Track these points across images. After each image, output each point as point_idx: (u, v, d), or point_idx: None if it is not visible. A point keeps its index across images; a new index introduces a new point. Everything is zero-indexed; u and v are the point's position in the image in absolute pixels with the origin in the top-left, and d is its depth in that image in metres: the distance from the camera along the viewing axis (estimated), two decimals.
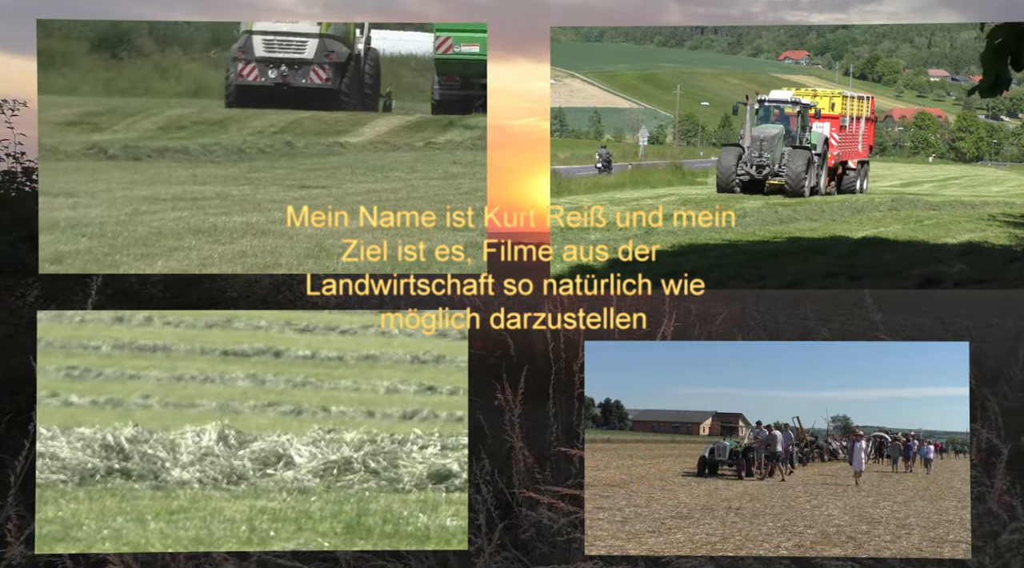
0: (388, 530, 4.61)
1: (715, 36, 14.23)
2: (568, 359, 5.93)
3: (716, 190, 10.17)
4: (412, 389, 5.99)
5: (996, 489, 4.76)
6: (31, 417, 4.76)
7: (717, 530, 4.50)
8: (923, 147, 12.04)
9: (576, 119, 13.05)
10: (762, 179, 10.31)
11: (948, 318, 12.85)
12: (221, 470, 4.90)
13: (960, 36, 12.85)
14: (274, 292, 8.89)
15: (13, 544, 4.41)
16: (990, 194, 9.57)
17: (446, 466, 4.99)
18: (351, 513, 4.70)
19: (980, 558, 4.56)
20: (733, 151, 10.57)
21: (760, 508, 4.80)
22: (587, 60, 14.43)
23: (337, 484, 4.90)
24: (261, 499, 4.80)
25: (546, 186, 5.69)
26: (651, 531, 4.49)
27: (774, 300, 12.06)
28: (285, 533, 4.56)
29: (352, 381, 6.11)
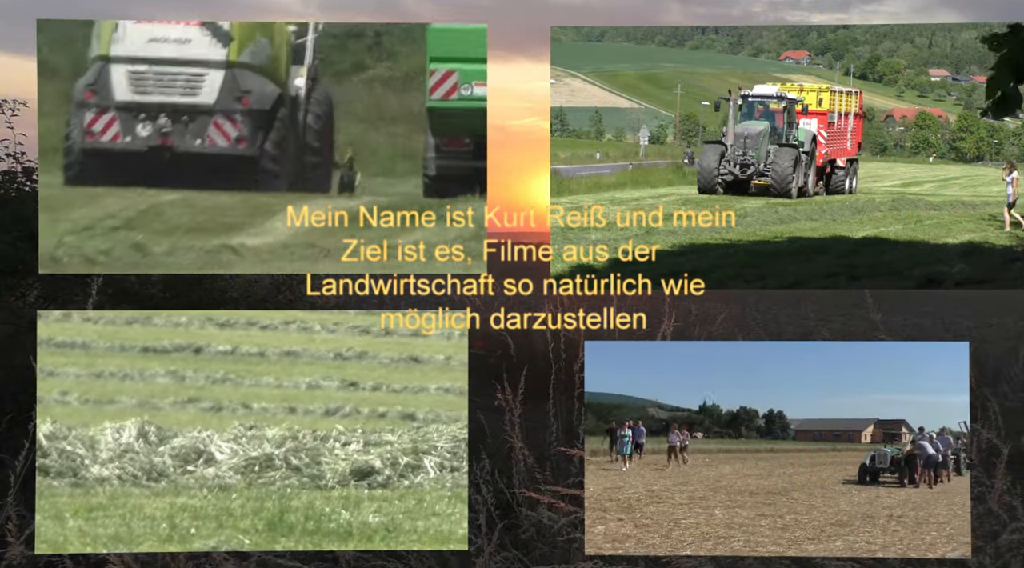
0: (310, 527, 4.57)
1: (716, 36, 14.21)
2: (568, 359, 5.93)
3: (697, 191, 9.73)
4: (334, 385, 5.96)
5: (996, 489, 4.76)
6: (31, 417, 4.76)
7: (878, 538, 4.46)
8: (924, 147, 12.02)
9: (577, 119, 13.04)
10: (746, 179, 9.86)
11: (948, 318, 12.84)
12: (141, 467, 4.85)
13: (961, 36, 12.84)
14: (274, 292, 8.89)
15: (13, 544, 4.41)
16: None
17: (368, 463, 4.96)
18: (272, 510, 4.66)
19: (980, 558, 4.55)
20: (715, 149, 10.07)
21: (924, 516, 4.72)
22: (588, 60, 14.42)
23: (259, 481, 4.85)
24: (182, 496, 4.75)
25: (546, 186, 5.68)
26: (811, 538, 4.46)
27: (774, 300, 12.06)
28: (206, 531, 4.52)
29: (274, 377, 6.06)
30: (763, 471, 5.41)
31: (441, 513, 4.72)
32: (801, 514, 4.71)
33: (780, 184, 9.64)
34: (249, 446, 5.05)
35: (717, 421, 5.29)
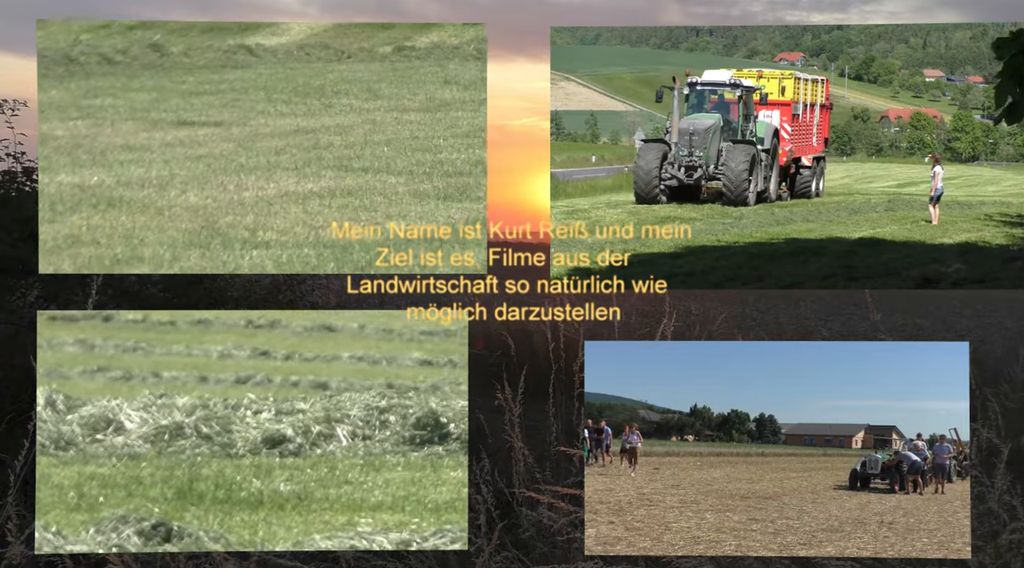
0: (220, 496, 4.52)
1: (711, 38, 14.23)
2: (568, 359, 5.93)
3: (635, 200, 8.17)
4: (245, 354, 5.93)
5: (996, 489, 4.77)
6: (31, 417, 4.75)
7: (869, 544, 4.46)
8: (919, 147, 12.02)
9: (572, 122, 13.04)
10: (694, 184, 8.30)
11: (949, 318, 12.86)
12: (49, 436, 4.81)
13: (955, 36, 12.86)
14: (274, 292, 8.89)
15: (13, 544, 4.40)
16: (986, 194, 9.55)
17: (280, 431, 4.92)
18: (182, 478, 4.63)
19: (980, 558, 4.57)
20: (655, 149, 8.49)
21: (915, 523, 4.73)
22: (583, 63, 14.43)
23: (168, 449, 4.81)
24: (90, 465, 4.73)
25: (546, 186, 5.69)
26: (802, 543, 4.46)
27: (774, 300, 12.01)
28: (115, 499, 4.49)
29: (184, 346, 6.01)
30: (754, 475, 5.42)
31: (354, 481, 4.68)
32: (792, 519, 4.72)
33: (734, 189, 8.13)
34: (159, 415, 5.00)
35: (708, 424, 5.29)
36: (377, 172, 5.38)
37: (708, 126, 8.75)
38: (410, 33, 6.30)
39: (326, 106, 6.45)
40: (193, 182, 5.24)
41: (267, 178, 5.23)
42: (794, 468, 5.45)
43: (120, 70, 6.01)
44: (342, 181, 5.29)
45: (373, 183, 5.26)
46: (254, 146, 5.86)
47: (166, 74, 6.49)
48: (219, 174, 5.23)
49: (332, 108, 6.46)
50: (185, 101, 6.36)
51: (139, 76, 6.53)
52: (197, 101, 6.35)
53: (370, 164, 5.47)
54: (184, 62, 6.12)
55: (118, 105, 6.23)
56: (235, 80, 6.68)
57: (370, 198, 5.02)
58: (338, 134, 6.11)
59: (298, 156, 5.64)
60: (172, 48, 5.97)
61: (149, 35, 5.78)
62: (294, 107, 6.49)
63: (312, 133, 6.14)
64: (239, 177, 5.16)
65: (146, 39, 5.80)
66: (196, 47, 5.96)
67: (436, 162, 5.54)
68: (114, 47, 5.68)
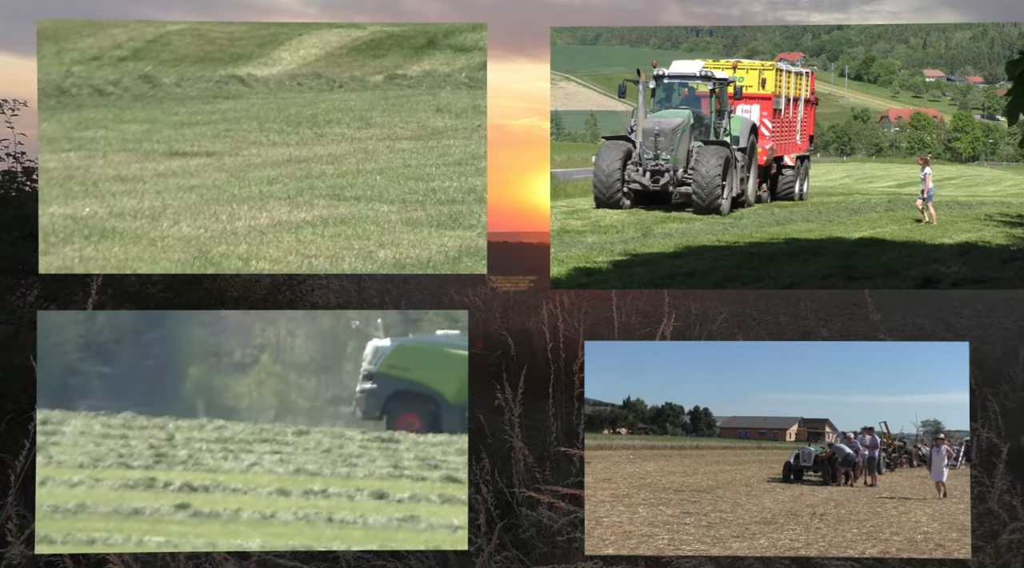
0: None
1: (710, 39, 14.22)
2: (568, 359, 5.94)
3: (594, 204, 7.32)
4: None
5: (996, 489, 4.77)
6: (31, 417, 4.75)
7: (801, 536, 4.46)
8: (919, 148, 12.00)
9: (572, 122, 13.02)
10: (661, 190, 7.40)
11: (949, 318, 12.87)
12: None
13: (955, 36, 12.86)
14: (274, 292, 8.90)
15: (13, 544, 4.40)
16: (986, 194, 9.53)
17: None
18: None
19: (980, 558, 4.57)
20: (616, 148, 7.72)
21: (845, 514, 4.76)
22: (583, 63, 14.42)
23: None
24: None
25: (546, 186, 5.69)
26: (736, 536, 4.45)
27: (774, 300, 12.03)
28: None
29: None
30: (688, 469, 5.41)
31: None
32: (726, 512, 4.72)
33: (705, 196, 7.22)
34: None
35: (641, 417, 5.27)
36: (370, 200, 5.37)
37: (675, 125, 7.95)
38: (401, 62, 6.33)
39: (318, 135, 6.49)
40: (186, 212, 5.24)
41: (260, 208, 5.21)
42: (728, 461, 5.45)
43: (112, 101, 6.01)
44: (335, 210, 5.27)
45: (366, 212, 5.25)
46: (246, 176, 5.84)
47: (158, 105, 6.54)
48: (212, 204, 5.22)
49: (324, 137, 6.49)
50: (177, 132, 6.38)
51: (131, 107, 6.58)
52: (189, 132, 6.39)
53: (363, 193, 5.46)
54: (176, 93, 6.21)
55: (110, 136, 6.23)
56: (227, 110, 6.70)
57: (363, 227, 5.02)
58: (330, 163, 6.12)
59: (290, 185, 5.63)
60: (164, 79, 6.02)
61: (141, 66, 5.70)
62: (286, 137, 6.49)
63: (304, 162, 6.15)
64: (232, 207, 5.14)
65: (138, 70, 5.74)
66: (188, 78, 6.05)
67: (429, 190, 5.53)
68: (106, 78, 5.68)
